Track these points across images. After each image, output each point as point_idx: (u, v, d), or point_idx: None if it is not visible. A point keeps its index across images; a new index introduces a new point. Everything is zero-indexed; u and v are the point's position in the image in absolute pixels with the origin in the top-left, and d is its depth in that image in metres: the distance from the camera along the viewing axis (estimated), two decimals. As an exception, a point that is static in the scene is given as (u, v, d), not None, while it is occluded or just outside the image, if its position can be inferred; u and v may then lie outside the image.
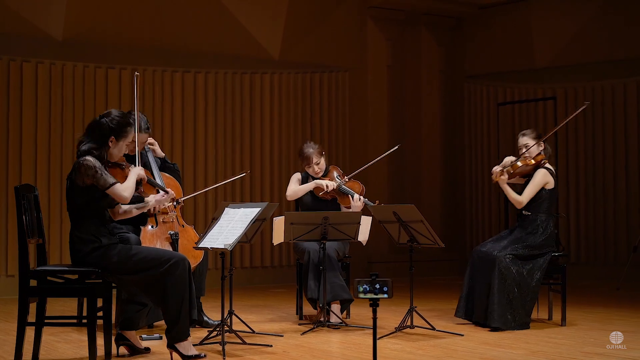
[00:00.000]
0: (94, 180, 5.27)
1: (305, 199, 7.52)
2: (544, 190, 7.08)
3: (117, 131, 5.45)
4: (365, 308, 8.31)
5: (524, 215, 7.13)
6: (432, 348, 6.06)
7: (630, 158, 11.51)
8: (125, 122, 5.51)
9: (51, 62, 10.08)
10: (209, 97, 11.11)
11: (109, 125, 5.43)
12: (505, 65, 12.61)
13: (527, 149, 7.15)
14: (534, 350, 5.89)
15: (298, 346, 6.16)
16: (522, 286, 6.87)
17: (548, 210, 7.10)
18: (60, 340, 6.38)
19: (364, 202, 7.28)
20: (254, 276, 11.23)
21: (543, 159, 7.13)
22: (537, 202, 7.08)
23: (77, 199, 5.37)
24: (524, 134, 7.26)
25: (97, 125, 5.45)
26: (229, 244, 5.74)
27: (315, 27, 11.87)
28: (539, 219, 7.06)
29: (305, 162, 7.49)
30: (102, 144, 5.41)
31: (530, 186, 7.08)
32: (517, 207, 7.20)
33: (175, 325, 5.38)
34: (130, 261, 5.36)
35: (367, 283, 3.85)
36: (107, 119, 5.45)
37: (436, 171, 12.87)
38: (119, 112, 5.56)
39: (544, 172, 7.10)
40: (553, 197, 7.17)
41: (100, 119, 5.47)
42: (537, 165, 7.12)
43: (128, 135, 5.53)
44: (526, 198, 7.07)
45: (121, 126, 5.47)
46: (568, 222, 11.92)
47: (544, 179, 7.08)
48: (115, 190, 5.33)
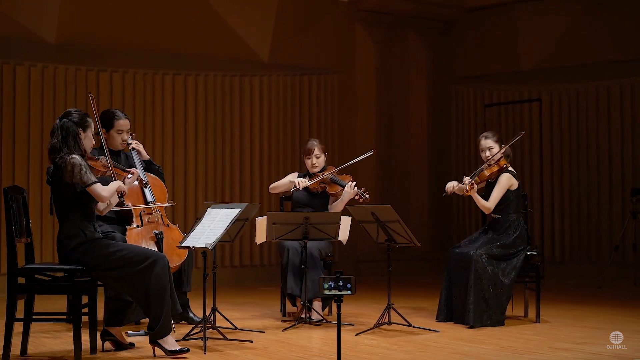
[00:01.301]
0: (79, 177, 5.54)
1: (298, 195, 7.76)
2: (509, 191, 7.33)
3: (82, 123, 5.75)
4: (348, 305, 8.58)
5: (494, 219, 7.36)
6: (406, 344, 6.29)
7: (613, 159, 11.73)
8: (84, 114, 5.84)
9: (44, 65, 10.28)
10: (199, 99, 11.31)
11: (74, 121, 5.73)
12: (492, 68, 12.84)
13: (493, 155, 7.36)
14: (503, 346, 6.12)
15: (278, 342, 6.39)
16: (498, 285, 7.09)
17: (516, 209, 7.36)
18: (49, 336, 6.60)
19: (356, 191, 7.50)
20: (243, 275, 11.44)
21: (505, 164, 7.35)
22: (504, 205, 7.32)
23: (65, 195, 5.62)
24: (486, 137, 7.48)
25: (64, 126, 5.70)
26: (210, 243, 5.97)
27: (304, 30, 12.08)
28: (510, 219, 7.30)
29: (306, 153, 7.76)
30: (75, 139, 5.68)
31: (495, 191, 7.31)
32: (485, 213, 7.43)
33: (157, 322, 5.62)
34: (112, 257, 5.62)
35: (332, 280, 4.07)
36: (69, 117, 5.74)
37: (424, 172, 13.07)
38: (75, 109, 5.91)
39: (508, 175, 7.33)
40: (519, 196, 7.43)
41: (62, 120, 5.74)
42: (501, 170, 7.34)
43: (90, 125, 5.83)
44: (493, 203, 7.31)
45: (82, 118, 5.78)
46: (552, 222, 12.16)
47: (509, 183, 7.32)
48: (95, 189, 5.60)
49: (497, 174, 7.36)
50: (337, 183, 7.63)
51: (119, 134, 7.03)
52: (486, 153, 7.44)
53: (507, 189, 7.33)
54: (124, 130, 7.07)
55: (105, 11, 10.61)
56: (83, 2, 10.42)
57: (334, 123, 12.39)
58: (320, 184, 7.65)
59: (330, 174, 7.66)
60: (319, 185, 7.66)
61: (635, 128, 11.58)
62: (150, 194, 7.09)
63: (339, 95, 12.46)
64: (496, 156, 7.37)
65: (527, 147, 12.40)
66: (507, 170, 7.36)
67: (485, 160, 7.47)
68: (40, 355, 5.82)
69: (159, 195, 7.17)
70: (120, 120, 7.04)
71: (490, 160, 7.39)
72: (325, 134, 12.24)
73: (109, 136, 6.98)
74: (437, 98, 13.31)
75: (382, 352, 5.96)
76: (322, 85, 12.33)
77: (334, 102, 12.42)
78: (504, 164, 7.36)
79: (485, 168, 7.41)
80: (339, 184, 7.61)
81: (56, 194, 5.73)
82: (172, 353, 5.68)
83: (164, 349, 5.68)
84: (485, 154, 7.44)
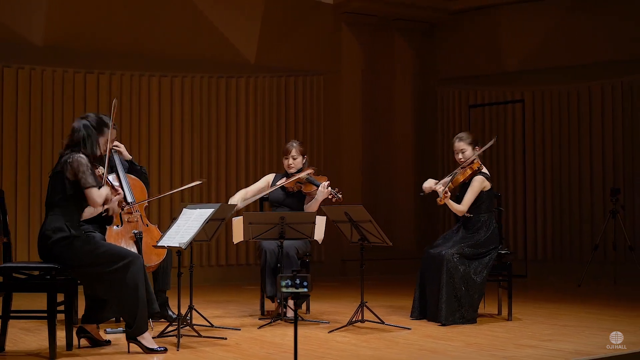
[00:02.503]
0: (81, 176, 5.72)
1: (275, 195, 7.92)
2: (482, 192, 7.46)
3: (99, 129, 5.97)
4: (327, 303, 8.74)
5: (467, 217, 7.51)
6: (376, 340, 6.43)
7: (594, 161, 11.90)
8: (103, 121, 6.03)
9: (31, 67, 10.44)
10: (185, 101, 11.46)
11: (92, 126, 5.92)
12: (476, 69, 13.01)
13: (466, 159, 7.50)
14: (470, 343, 6.27)
15: (252, 339, 6.54)
16: (470, 284, 7.24)
17: (488, 209, 7.51)
18: (29, 333, 6.75)
19: (330, 191, 7.65)
20: (229, 274, 11.58)
21: (479, 166, 7.49)
22: (477, 205, 7.47)
23: (61, 189, 5.79)
24: (460, 139, 7.61)
25: (88, 125, 5.90)
26: (184, 243, 6.12)
27: (290, 31, 12.24)
28: (482, 218, 7.45)
29: (284, 154, 7.98)
30: (94, 141, 5.90)
31: (469, 193, 7.45)
32: (459, 215, 7.58)
33: (134, 320, 5.79)
34: (91, 254, 5.77)
35: (289, 279, 4.23)
36: (89, 120, 5.94)
37: (410, 172, 13.21)
38: (95, 114, 6.07)
39: (481, 178, 7.46)
40: (491, 196, 7.56)
41: (82, 120, 5.93)
42: (474, 173, 7.48)
43: (106, 133, 6.01)
44: (466, 206, 7.45)
45: (100, 125, 5.98)
46: (535, 221, 12.32)
47: (481, 185, 7.45)
48: (92, 192, 5.77)
49: (471, 176, 7.50)
50: (312, 183, 7.79)
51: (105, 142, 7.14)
52: (459, 155, 7.58)
53: (480, 191, 7.47)
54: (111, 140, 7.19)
55: (92, 14, 10.76)
56: (70, 5, 10.57)
57: (320, 124, 12.54)
58: (296, 183, 7.81)
59: (307, 174, 7.82)
60: (294, 184, 7.82)
61: (616, 129, 11.75)
62: (131, 194, 7.23)
63: (325, 96, 12.62)
64: (468, 156, 7.51)
65: (510, 147, 12.58)
66: (480, 172, 7.50)
67: (458, 162, 7.61)
68: (18, 352, 5.97)
69: (139, 195, 7.32)
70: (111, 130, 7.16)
71: (464, 164, 7.53)
72: (311, 135, 12.38)
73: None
74: (422, 99, 13.46)
75: (351, 348, 6.11)
76: (308, 86, 12.48)
77: (319, 103, 12.57)
78: (477, 167, 7.50)
79: (459, 173, 7.53)
80: (314, 184, 7.76)
81: (53, 187, 5.88)
82: (150, 351, 5.84)
83: (142, 346, 5.84)
84: (459, 157, 7.58)
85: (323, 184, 7.69)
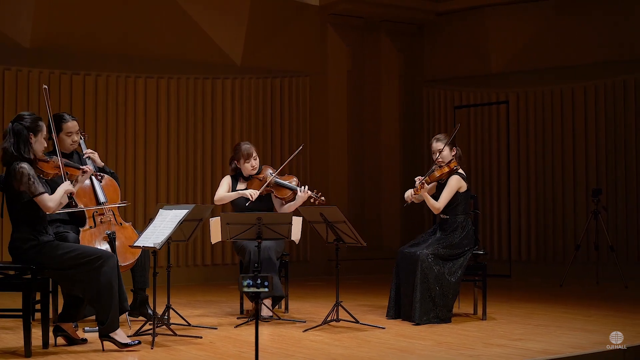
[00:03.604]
0: (27, 186, 5.79)
1: (239, 201, 7.98)
2: (458, 193, 7.57)
3: (33, 128, 5.98)
4: (307, 303, 8.84)
5: (443, 219, 7.62)
6: (349, 339, 6.53)
7: (577, 161, 11.99)
8: (35, 118, 6.07)
9: (18, 69, 10.52)
10: (171, 102, 11.52)
11: (25, 125, 5.96)
12: (462, 70, 13.11)
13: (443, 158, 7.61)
14: (440, 342, 6.36)
15: (227, 337, 6.64)
16: (444, 284, 7.33)
17: (465, 211, 7.61)
18: (9, 332, 6.84)
19: (310, 194, 7.72)
20: (215, 273, 11.64)
21: (455, 166, 7.60)
22: (453, 206, 7.57)
23: (15, 201, 5.87)
24: (438, 139, 7.74)
25: (15, 130, 5.95)
26: (158, 243, 6.23)
27: (276, 33, 12.32)
28: (458, 220, 7.55)
29: (245, 157, 7.94)
30: (26, 143, 5.92)
31: (445, 192, 7.56)
32: (434, 213, 7.68)
33: (107, 317, 5.90)
34: (63, 257, 5.89)
35: (250, 278, 4.32)
36: (21, 122, 5.98)
37: (396, 173, 13.30)
38: (28, 112, 6.14)
39: (457, 178, 7.57)
40: (467, 198, 7.66)
41: (14, 124, 5.99)
42: (451, 171, 7.59)
43: (42, 129, 6.05)
44: (442, 204, 7.56)
45: (34, 122, 6.01)
46: (519, 222, 12.42)
47: (458, 184, 7.56)
48: (42, 200, 5.85)
49: (447, 175, 7.61)
50: (286, 187, 7.85)
51: (69, 136, 7.23)
52: (437, 155, 7.68)
53: (456, 191, 7.57)
54: (73, 132, 7.28)
55: (79, 15, 10.82)
56: (57, 6, 10.64)
57: (306, 125, 12.61)
58: (266, 188, 7.87)
59: (273, 177, 7.88)
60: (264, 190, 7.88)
61: (599, 130, 11.85)
62: (103, 194, 7.30)
63: (311, 97, 12.70)
64: (446, 157, 7.61)
65: (495, 148, 12.68)
66: (457, 172, 7.60)
67: (436, 162, 7.71)
68: (-7, 350, 6.09)
69: (112, 195, 7.38)
70: (68, 123, 7.25)
71: (441, 162, 7.64)
72: (297, 136, 12.45)
73: (59, 139, 7.07)
74: (409, 100, 13.55)
75: (323, 347, 6.21)
76: (294, 87, 12.55)
77: (305, 104, 12.65)
78: (454, 166, 7.61)
79: (435, 169, 7.66)
80: (289, 188, 7.83)
81: (7, 200, 5.98)
82: (124, 345, 5.96)
83: (116, 342, 5.96)
84: (436, 156, 7.69)
85: (302, 189, 7.76)
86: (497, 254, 12.59)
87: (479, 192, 12.70)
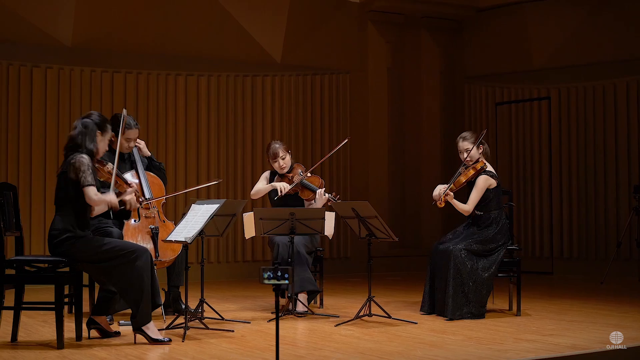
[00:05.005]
0: (80, 174, 5.92)
1: (270, 195, 8.06)
2: (489, 190, 7.52)
3: (101, 126, 6.18)
4: (342, 298, 8.87)
5: (477, 215, 7.58)
6: (380, 334, 6.54)
7: (619, 157, 11.86)
8: (105, 118, 6.29)
9: (60, 67, 10.68)
10: (211, 100, 11.63)
11: (95, 122, 6.15)
12: (503, 66, 13.02)
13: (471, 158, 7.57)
14: (471, 337, 6.35)
15: (258, 332, 6.69)
16: (477, 280, 7.31)
17: (498, 205, 7.56)
18: (45, 325, 6.98)
19: (328, 197, 7.77)
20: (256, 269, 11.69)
21: (482, 166, 7.54)
22: (485, 202, 7.53)
23: (66, 189, 6.01)
24: (464, 138, 7.69)
25: (85, 124, 6.13)
26: (190, 237, 6.30)
27: (316, 30, 12.37)
28: (492, 215, 7.52)
29: (272, 157, 8.02)
30: (92, 138, 6.10)
31: (473, 194, 7.52)
32: (465, 215, 7.65)
33: (138, 311, 5.98)
34: (97, 250, 6.00)
35: (271, 271, 4.37)
36: (91, 117, 6.18)
37: (437, 171, 13.25)
38: (98, 113, 6.31)
39: (484, 177, 7.52)
40: (499, 194, 7.61)
41: (84, 119, 6.17)
42: (477, 173, 7.54)
43: (109, 129, 6.24)
44: (471, 206, 7.52)
45: (103, 122, 6.22)
46: (561, 219, 12.32)
47: (486, 184, 7.51)
48: (89, 191, 5.96)
49: (475, 176, 7.56)
50: (308, 188, 7.92)
51: (127, 141, 7.37)
52: (464, 155, 7.65)
53: (485, 189, 7.53)
54: (132, 138, 7.42)
55: (119, 14, 10.98)
56: (98, 5, 10.81)
57: (346, 122, 12.64)
58: (293, 188, 7.94)
59: (302, 177, 7.94)
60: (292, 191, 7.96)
61: (642, 126, 11.72)
62: (149, 190, 7.44)
63: (351, 94, 12.72)
64: (473, 156, 7.58)
65: (536, 144, 12.59)
66: (485, 171, 7.56)
67: (464, 161, 7.67)
68: (29, 342, 6.19)
69: (157, 192, 7.54)
70: (131, 130, 7.37)
71: (468, 163, 7.60)
72: (337, 133, 12.48)
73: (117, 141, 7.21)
74: (449, 97, 13.51)
75: (352, 341, 6.23)
76: (334, 85, 12.59)
77: (346, 101, 12.68)
78: (481, 166, 7.55)
79: (462, 172, 7.59)
80: (310, 189, 7.90)
81: (60, 186, 6.10)
82: (154, 341, 6.03)
83: (147, 336, 6.03)
84: (463, 156, 7.66)
85: (319, 191, 7.82)
86: (539, 251, 12.50)
87: (520, 188, 12.63)
